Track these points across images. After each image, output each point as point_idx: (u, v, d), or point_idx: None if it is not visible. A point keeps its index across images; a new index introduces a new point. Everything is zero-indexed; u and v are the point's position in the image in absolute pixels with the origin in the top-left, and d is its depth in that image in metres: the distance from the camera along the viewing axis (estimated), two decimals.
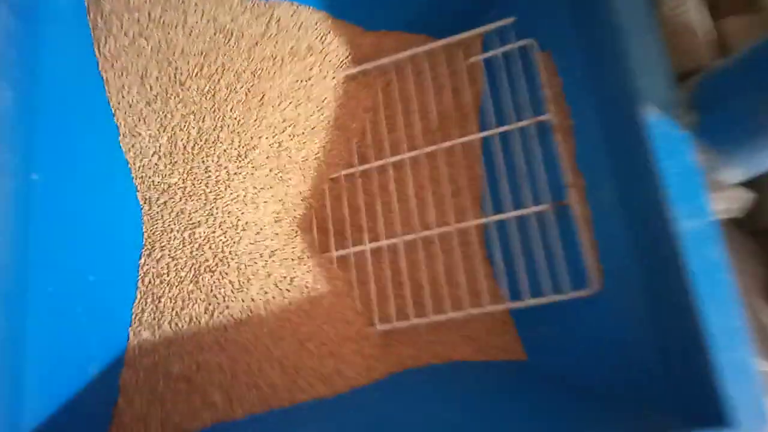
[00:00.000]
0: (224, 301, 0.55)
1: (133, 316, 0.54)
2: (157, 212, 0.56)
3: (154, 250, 0.55)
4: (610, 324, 0.50)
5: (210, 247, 0.55)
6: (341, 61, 0.62)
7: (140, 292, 0.55)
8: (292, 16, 0.60)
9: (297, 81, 0.59)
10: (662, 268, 0.43)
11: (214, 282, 0.55)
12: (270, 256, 0.57)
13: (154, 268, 0.55)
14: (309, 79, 0.60)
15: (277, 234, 0.57)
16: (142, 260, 0.55)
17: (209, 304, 0.54)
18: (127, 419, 0.51)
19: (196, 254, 0.55)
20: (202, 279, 0.55)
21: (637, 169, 0.45)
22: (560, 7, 0.54)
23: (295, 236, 0.59)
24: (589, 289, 0.50)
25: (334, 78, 0.61)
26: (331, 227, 0.61)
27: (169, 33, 0.56)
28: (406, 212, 0.61)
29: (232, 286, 0.55)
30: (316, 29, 0.61)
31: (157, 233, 0.56)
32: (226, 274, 0.55)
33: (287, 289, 0.56)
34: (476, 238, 0.59)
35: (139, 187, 0.56)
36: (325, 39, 0.61)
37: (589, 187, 0.52)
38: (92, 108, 0.54)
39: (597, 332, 0.51)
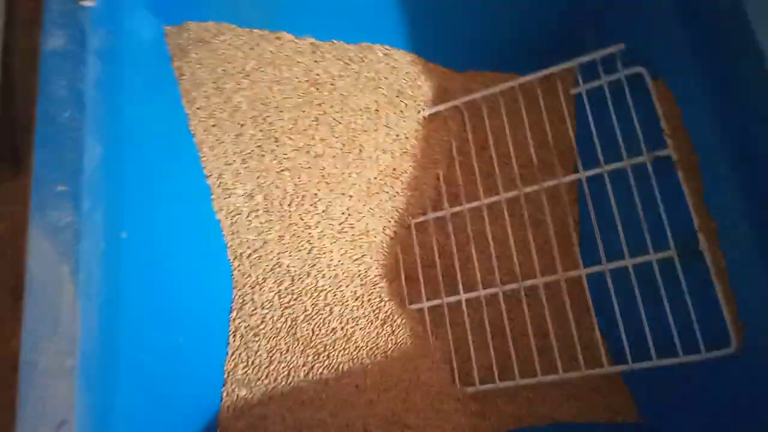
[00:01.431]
0: (325, 349, 0.52)
1: (226, 375, 0.52)
2: (249, 267, 0.54)
3: (245, 304, 0.54)
4: (756, 387, 0.44)
5: (310, 297, 0.54)
6: (430, 101, 0.59)
7: (232, 348, 0.53)
8: (384, 58, 0.58)
9: (392, 132, 0.57)
10: None
11: (313, 330, 0.53)
12: (377, 298, 0.55)
13: (245, 322, 0.53)
14: (403, 128, 0.58)
15: (376, 283, 0.55)
16: (233, 314, 0.54)
17: (308, 356, 0.52)
18: None
19: (294, 305, 0.53)
20: (300, 329, 0.53)
21: None
22: (672, 27, 0.49)
23: (391, 284, 0.56)
24: (730, 348, 0.44)
25: (423, 117, 0.58)
26: (421, 276, 0.57)
27: (264, 88, 0.55)
28: (505, 258, 0.57)
29: (335, 334, 0.53)
30: (408, 73, 0.58)
31: (248, 286, 0.54)
32: (328, 321, 0.53)
33: (391, 331, 0.54)
34: (588, 288, 0.53)
35: (230, 245, 0.54)
36: (417, 82, 0.58)
37: (722, 229, 0.46)
38: (179, 161, 0.53)
39: (737, 398, 0.45)
